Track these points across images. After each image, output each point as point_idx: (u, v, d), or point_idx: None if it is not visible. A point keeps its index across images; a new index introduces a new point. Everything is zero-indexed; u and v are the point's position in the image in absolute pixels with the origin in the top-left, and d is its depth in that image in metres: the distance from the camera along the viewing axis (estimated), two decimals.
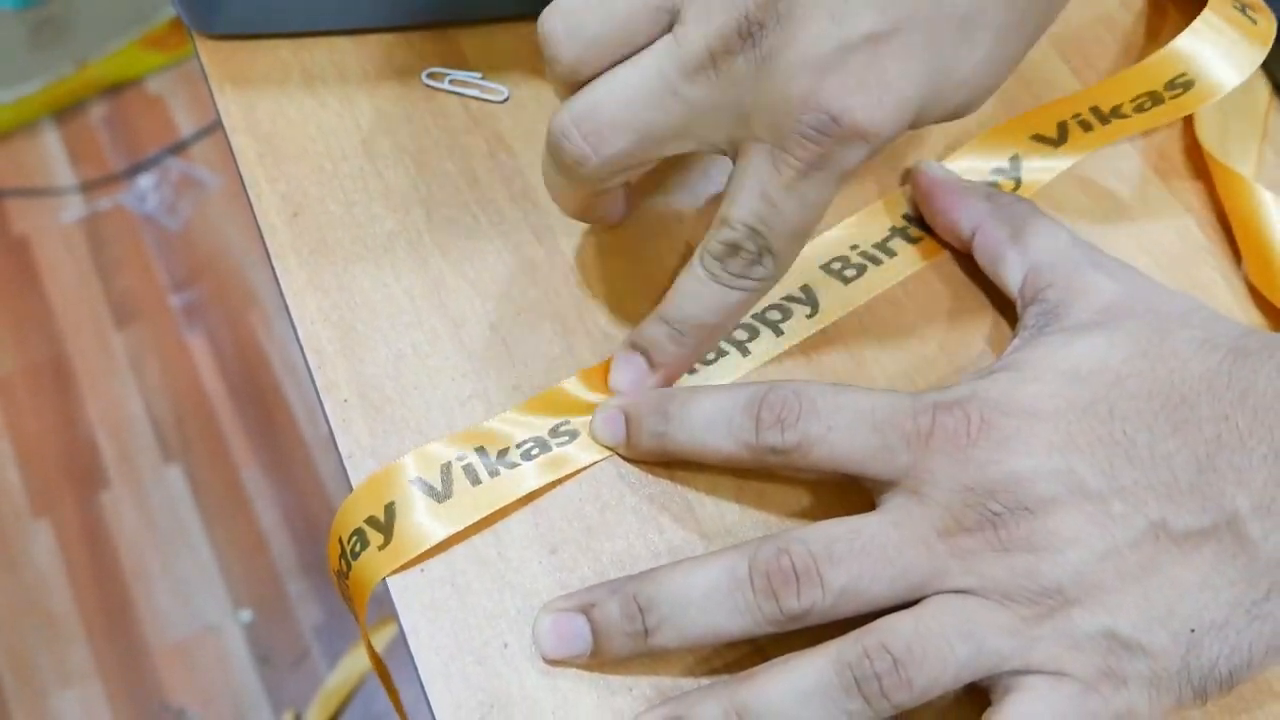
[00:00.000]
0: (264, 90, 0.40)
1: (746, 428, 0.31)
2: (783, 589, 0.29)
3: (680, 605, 0.30)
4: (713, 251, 0.31)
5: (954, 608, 0.29)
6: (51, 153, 1.40)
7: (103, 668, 1.12)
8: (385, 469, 0.33)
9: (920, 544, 0.29)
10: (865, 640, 0.28)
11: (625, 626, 0.30)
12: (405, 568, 0.32)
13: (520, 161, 0.39)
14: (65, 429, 1.24)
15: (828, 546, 0.29)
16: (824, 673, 0.28)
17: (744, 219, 0.30)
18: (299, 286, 0.36)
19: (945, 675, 0.28)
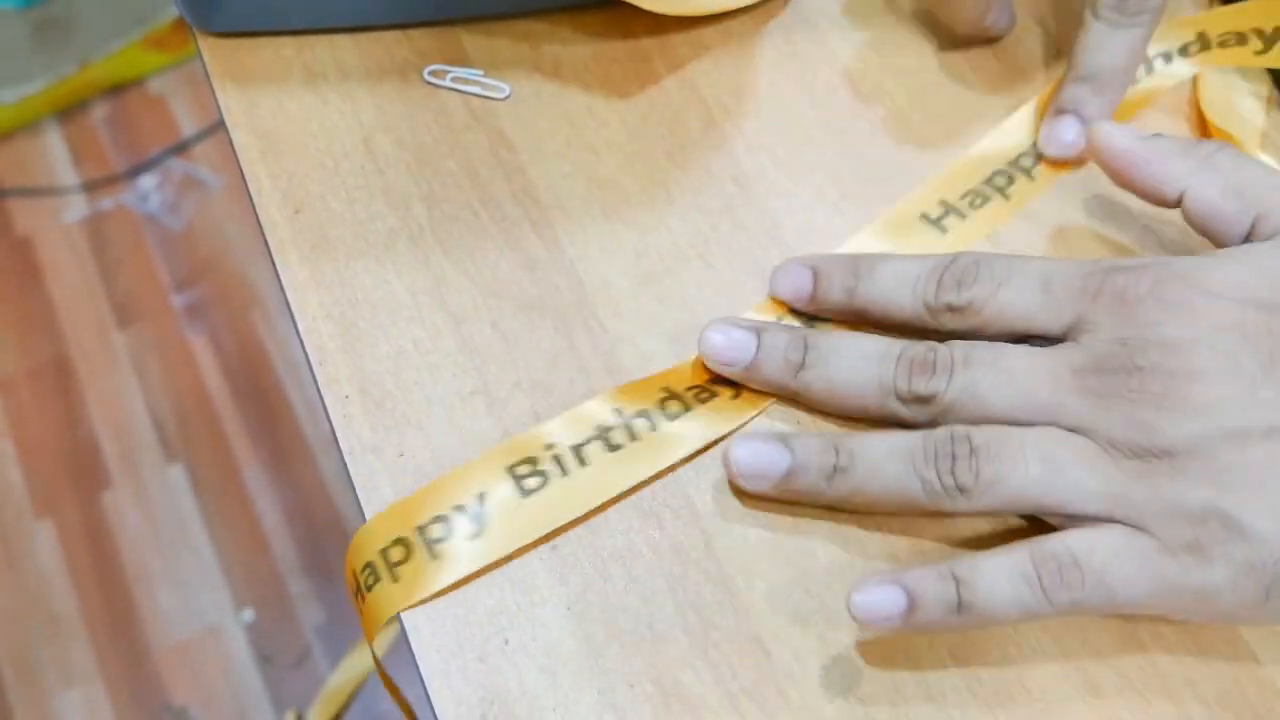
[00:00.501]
0: (265, 87, 0.40)
1: (929, 287, 0.33)
2: (918, 373, 0.32)
3: (837, 354, 0.33)
4: (1106, 2, 0.37)
5: (1054, 434, 0.30)
6: (54, 153, 1.41)
7: (105, 668, 1.12)
8: (435, 482, 0.33)
9: (1050, 374, 0.31)
10: (957, 429, 0.31)
11: (787, 353, 0.33)
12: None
13: (521, 158, 0.39)
14: (67, 429, 1.24)
15: (967, 352, 0.32)
16: (915, 440, 0.31)
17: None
18: (300, 283, 0.36)
19: (1011, 480, 0.30)
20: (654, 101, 0.40)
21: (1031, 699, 0.30)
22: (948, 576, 0.30)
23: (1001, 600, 0.29)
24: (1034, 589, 0.29)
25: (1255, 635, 0.31)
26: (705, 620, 0.31)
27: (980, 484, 0.30)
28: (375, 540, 0.32)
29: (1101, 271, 0.32)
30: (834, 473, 0.32)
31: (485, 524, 0.32)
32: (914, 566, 0.30)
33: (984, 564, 0.30)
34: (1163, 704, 0.30)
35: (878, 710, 0.30)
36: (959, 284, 0.33)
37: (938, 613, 0.30)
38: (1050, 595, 0.29)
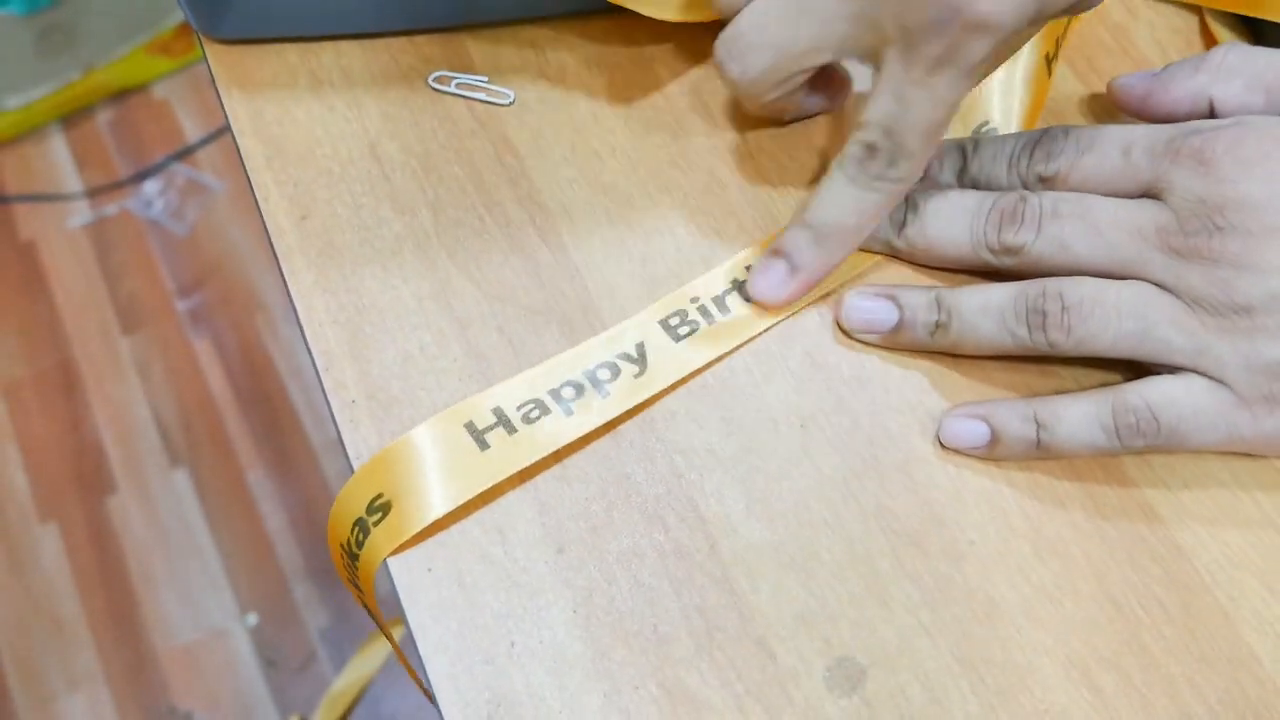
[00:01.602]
0: (271, 94, 0.40)
1: (1023, 161, 0.35)
2: (1007, 224, 0.34)
3: (934, 212, 0.35)
4: (851, 155, 0.34)
5: (1141, 291, 0.32)
6: (58, 158, 1.41)
7: (109, 671, 1.12)
8: (403, 439, 0.33)
9: (1136, 231, 0.33)
10: (1049, 285, 0.33)
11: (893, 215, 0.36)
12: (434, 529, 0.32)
13: (526, 164, 0.39)
14: (72, 433, 1.24)
15: (1055, 204, 0.34)
16: (1008, 295, 0.34)
17: (878, 119, 0.33)
18: (307, 288, 0.37)
19: (1103, 336, 0.32)
20: (657, 107, 0.40)
21: (1034, 698, 0.31)
22: (1030, 419, 0.33)
23: (1078, 443, 0.33)
24: (1110, 436, 0.32)
25: (1256, 636, 0.31)
26: (710, 623, 0.32)
27: (1071, 340, 0.33)
28: (357, 500, 0.33)
29: (1181, 134, 0.33)
30: (935, 329, 0.34)
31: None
32: (1000, 402, 0.34)
33: (1065, 411, 0.33)
34: (1164, 703, 0.31)
35: (882, 711, 0.30)
36: (1048, 156, 0.35)
37: (1017, 449, 0.33)
38: (1124, 441, 0.32)
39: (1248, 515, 0.33)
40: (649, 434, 0.34)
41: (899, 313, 0.35)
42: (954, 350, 0.35)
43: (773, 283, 0.36)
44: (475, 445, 0.33)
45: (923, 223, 0.36)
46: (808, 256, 0.35)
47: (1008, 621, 0.32)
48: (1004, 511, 0.33)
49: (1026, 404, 0.33)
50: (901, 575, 0.32)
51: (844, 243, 0.35)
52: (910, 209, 0.36)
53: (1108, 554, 0.33)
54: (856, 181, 0.34)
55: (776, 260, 0.36)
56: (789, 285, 0.35)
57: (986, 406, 0.34)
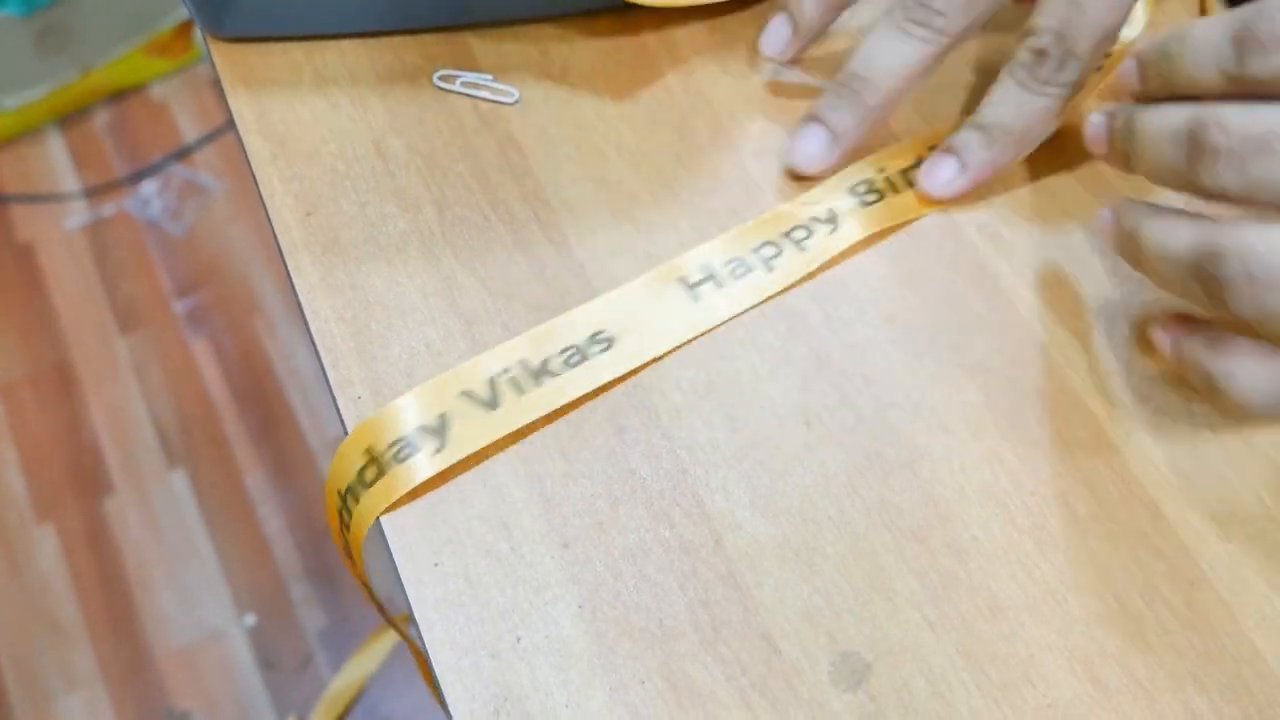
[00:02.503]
0: (277, 92, 0.40)
1: (1227, 56, 0.30)
2: (1202, 162, 0.29)
3: (1142, 138, 0.32)
4: (1021, 60, 0.35)
5: None
6: (56, 159, 1.41)
7: (107, 673, 1.12)
8: (429, 383, 0.34)
9: None
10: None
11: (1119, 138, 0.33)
12: None
13: (530, 162, 0.39)
14: (69, 435, 1.24)
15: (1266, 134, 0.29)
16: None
17: (1049, 24, 0.34)
18: (312, 285, 0.37)
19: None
20: (662, 105, 0.40)
21: (1038, 693, 0.31)
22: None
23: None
24: None
25: (1259, 631, 0.32)
26: (715, 617, 0.32)
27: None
28: (350, 461, 0.33)
29: None
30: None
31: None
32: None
33: None
34: (1168, 698, 0.31)
35: (886, 705, 0.31)
36: (1262, 51, 0.29)
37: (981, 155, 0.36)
38: None
39: (1250, 511, 0.33)
40: (654, 430, 0.34)
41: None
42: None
43: (944, 179, 0.37)
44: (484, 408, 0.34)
45: (1135, 152, 0.32)
46: (978, 156, 0.37)
47: (1011, 617, 0.32)
48: (1007, 507, 0.33)
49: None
50: (905, 571, 0.32)
51: (1013, 144, 0.36)
52: (1128, 133, 0.32)
53: (1111, 550, 0.33)
54: (1026, 86, 0.35)
55: (948, 157, 0.37)
56: (957, 182, 0.37)
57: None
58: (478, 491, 0.33)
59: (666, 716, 0.30)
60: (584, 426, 0.34)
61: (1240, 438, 0.34)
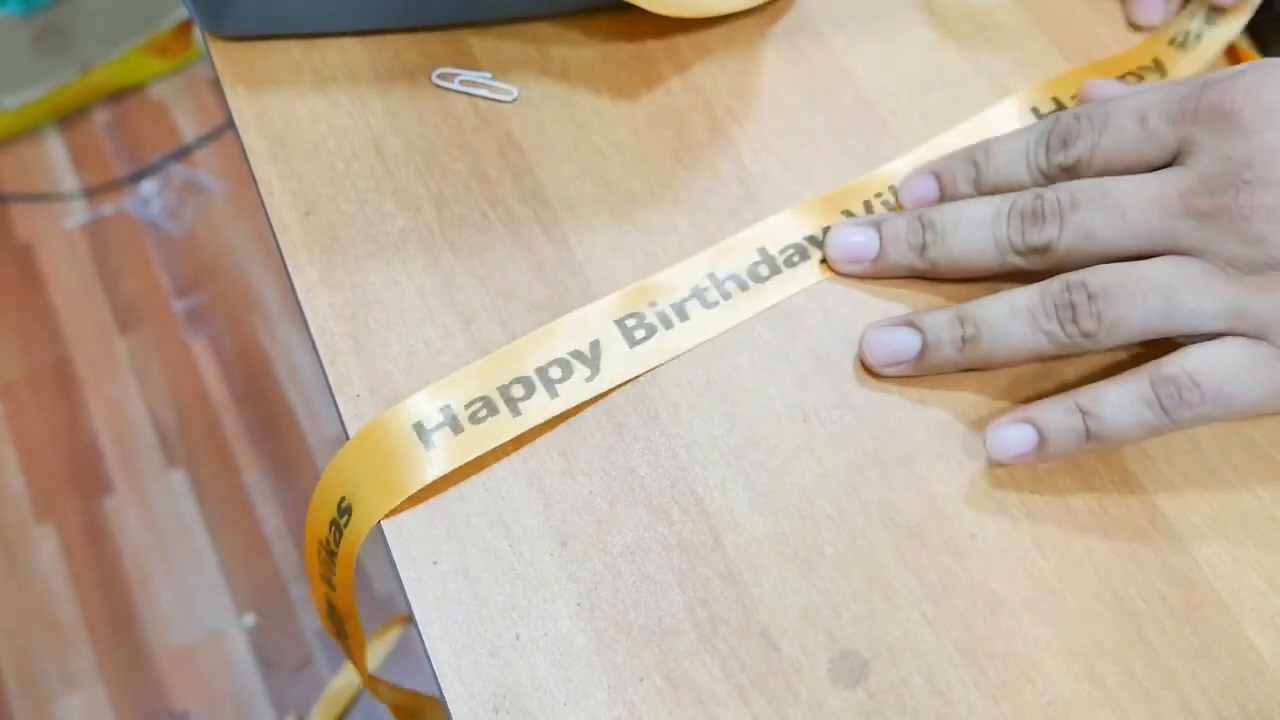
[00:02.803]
0: (276, 90, 0.40)
1: (1040, 155, 0.35)
2: (1029, 225, 0.34)
3: (953, 225, 0.35)
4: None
5: (1166, 265, 0.32)
6: (55, 158, 1.41)
7: (106, 672, 1.12)
8: (389, 413, 0.34)
9: (1158, 203, 0.32)
10: (1071, 277, 0.33)
11: (908, 238, 0.35)
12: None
13: (529, 160, 0.39)
14: (69, 434, 1.24)
15: (1073, 193, 0.33)
16: (1032, 296, 0.33)
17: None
18: (311, 284, 0.37)
19: (1133, 318, 0.32)
20: (660, 104, 0.40)
21: (1036, 690, 0.31)
22: (1073, 410, 0.32)
23: (1126, 425, 0.32)
24: (1156, 412, 0.31)
25: (1257, 629, 0.32)
26: (714, 615, 0.32)
27: (1104, 327, 0.32)
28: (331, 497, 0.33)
29: (1196, 91, 0.32)
30: (964, 344, 0.34)
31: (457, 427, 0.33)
32: (1040, 402, 0.33)
33: (1106, 394, 0.32)
34: (1166, 696, 0.31)
35: (885, 703, 0.31)
36: (1065, 144, 0.34)
37: (1069, 443, 0.32)
38: (1172, 415, 0.31)
39: (1248, 509, 0.33)
40: (653, 428, 0.34)
41: (920, 336, 0.34)
42: (987, 363, 0.34)
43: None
44: (420, 445, 0.33)
45: (944, 240, 0.35)
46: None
47: (1009, 614, 0.32)
48: (1005, 505, 0.33)
49: (1065, 397, 0.33)
50: (904, 569, 0.32)
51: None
52: (928, 228, 0.35)
53: (1109, 547, 0.33)
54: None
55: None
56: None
57: (1024, 410, 0.33)
58: (476, 489, 0.33)
59: (665, 714, 0.30)
60: (583, 424, 0.34)
61: (1237, 435, 0.34)
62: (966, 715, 0.30)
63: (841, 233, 0.37)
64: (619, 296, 0.36)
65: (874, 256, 0.36)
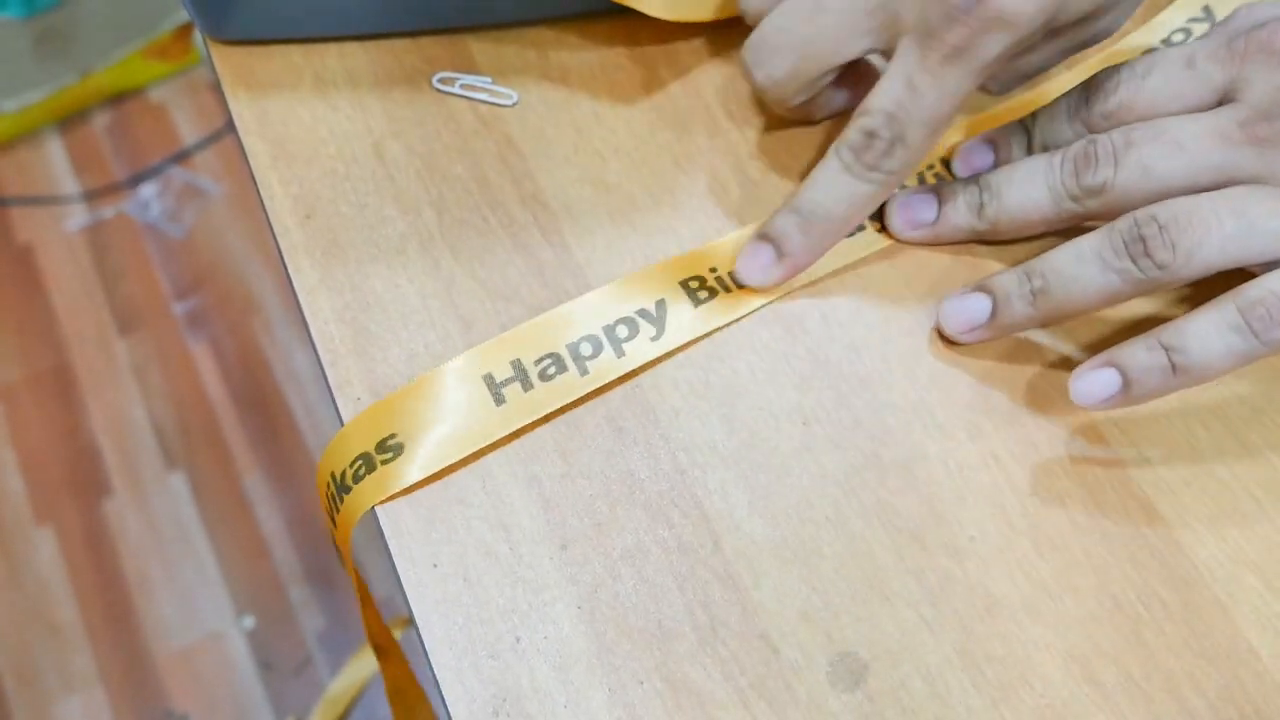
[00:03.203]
0: (276, 94, 0.41)
1: (1082, 113, 0.36)
2: (1083, 168, 0.34)
3: (1007, 183, 0.35)
4: (849, 142, 0.34)
5: (1236, 191, 0.32)
6: (55, 161, 1.41)
7: (106, 674, 1.12)
8: (417, 382, 0.34)
9: (1217, 134, 0.33)
10: (1139, 213, 0.32)
11: (966, 200, 0.36)
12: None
13: (529, 164, 0.39)
14: (68, 437, 1.24)
15: (1127, 135, 0.33)
16: (1099, 237, 0.33)
17: (883, 106, 0.33)
18: (312, 287, 0.37)
19: (1209, 244, 0.31)
20: (660, 108, 0.41)
21: (1035, 694, 0.31)
22: (1156, 347, 0.32)
23: (1215, 354, 0.31)
24: (1245, 336, 0.31)
25: (1255, 631, 0.32)
26: (714, 618, 0.32)
27: (1180, 256, 0.31)
28: (368, 435, 0.33)
29: (1239, 31, 0.33)
30: (1034, 297, 0.34)
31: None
32: (1121, 345, 0.33)
33: (1189, 327, 0.32)
34: (1164, 698, 0.31)
35: (884, 705, 0.31)
36: (1105, 94, 0.35)
37: (1154, 381, 0.32)
38: (1263, 337, 0.31)
39: (1246, 511, 0.33)
40: (653, 431, 0.34)
41: (991, 296, 0.35)
42: (1060, 314, 0.34)
43: (758, 266, 0.36)
44: (491, 399, 0.34)
45: (1000, 198, 0.36)
46: (795, 243, 0.35)
47: (1008, 617, 0.32)
48: (1004, 508, 0.33)
49: (1145, 336, 0.32)
50: (903, 571, 0.32)
51: (831, 231, 0.35)
52: (984, 190, 0.36)
53: (1107, 550, 0.33)
54: (851, 170, 0.34)
55: (764, 245, 0.36)
56: (774, 271, 0.36)
57: (1105, 355, 0.33)
58: (476, 492, 0.33)
59: (665, 717, 0.30)
60: (582, 427, 0.34)
61: (1235, 437, 0.35)
62: (965, 717, 0.31)
63: (901, 199, 0.37)
64: (681, 260, 0.36)
65: (934, 221, 0.37)
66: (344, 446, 0.34)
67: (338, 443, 0.34)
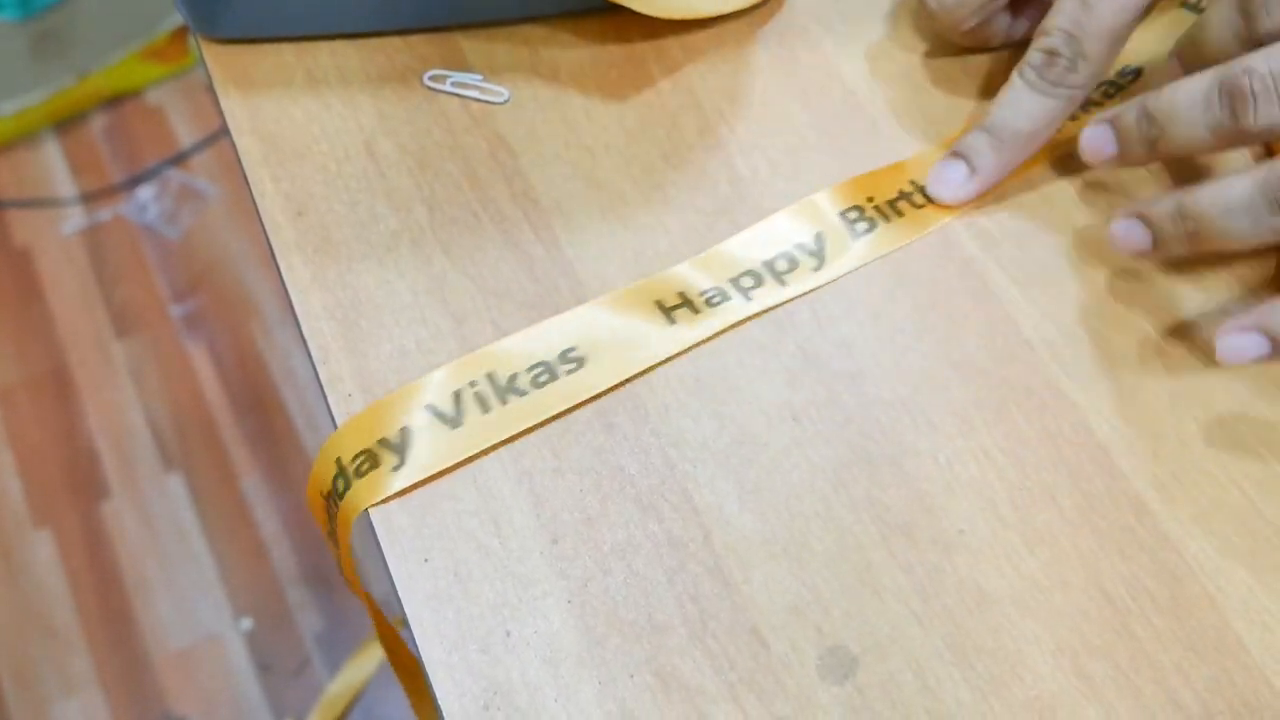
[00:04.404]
0: (268, 92, 0.41)
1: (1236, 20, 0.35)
2: (1240, 107, 0.33)
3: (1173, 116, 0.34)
4: (1032, 61, 0.35)
5: None
6: (52, 164, 1.41)
7: (104, 677, 1.12)
8: (396, 394, 0.34)
9: None
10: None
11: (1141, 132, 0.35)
12: (412, 490, 0.33)
13: (520, 161, 0.39)
14: (66, 439, 1.24)
15: None
16: (1250, 189, 0.32)
17: (1061, 25, 0.35)
18: (303, 284, 0.37)
19: None
20: (650, 105, 0.41)
21: (1024, 686, 0.31)
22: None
23: None
24: None
25: (1244, 624, 0.32)
26: (703, 612, 0.32)
27: None
28: (369, 430, 0.34)
29: None
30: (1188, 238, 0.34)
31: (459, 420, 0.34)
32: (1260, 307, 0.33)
33: None
34: (1153, 691, 0.31)
35: (874, 699, 0.31)
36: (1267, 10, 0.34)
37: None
38: None
39: (1235, 505, 0.33)
40: (643, 427, 0.34)
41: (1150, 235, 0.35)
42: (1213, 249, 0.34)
43: (953, 183, 0.37)
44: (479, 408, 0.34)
45: (1166, 134, 0.35)
46: (987, 160, 0.37)
47: (998, 611, 0.32)
48: (993, 502, 0.33)
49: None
50: (892, 565, 0.33)
51: (1022, 147, 0.37)
52: (1152, 124, 0.35)
53: (1096, 544, 0.33)
54: (1036, 87, 0.36)
55: (956, 162, 0.37)
56: (967, 186, 0.37)
57: (1253, 315, 0.33)
58: (467, 488, 0.33)
59: (655, 710, 0.30)
60: (573, 423, 0.34)
61: (1225, 432, 0.35)
62: (955, 710, 0.31)
63: (1087, 133, 0.36)
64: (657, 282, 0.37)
65: (1115, 153, 0.36)
66: (337, 448, 0.34)
67: (326, 451, 0.34)
